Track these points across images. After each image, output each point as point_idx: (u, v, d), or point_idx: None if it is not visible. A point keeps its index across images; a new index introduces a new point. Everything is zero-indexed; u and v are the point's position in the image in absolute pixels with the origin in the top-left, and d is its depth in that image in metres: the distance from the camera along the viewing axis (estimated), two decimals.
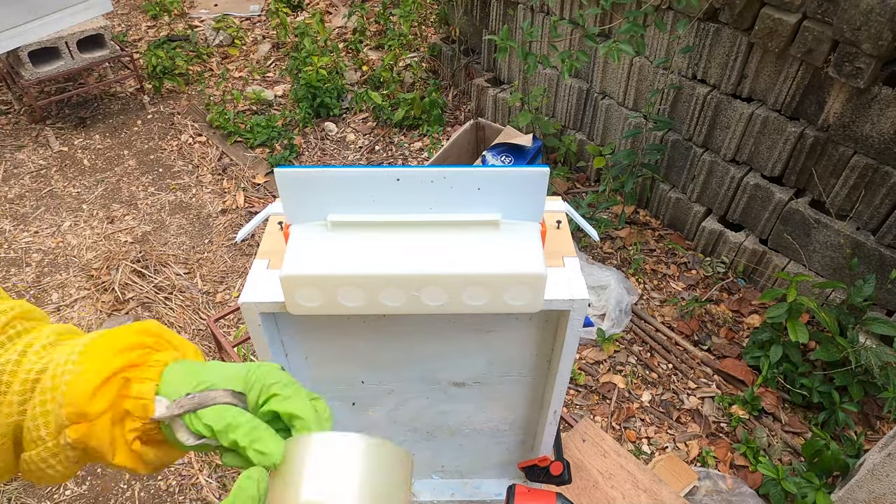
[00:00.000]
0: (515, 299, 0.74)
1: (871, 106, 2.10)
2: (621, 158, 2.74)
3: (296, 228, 0.77)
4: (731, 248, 2.71)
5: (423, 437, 1.11)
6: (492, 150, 2.92)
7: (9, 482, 2.16)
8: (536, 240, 0.76)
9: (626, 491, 1.26)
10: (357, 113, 3.88)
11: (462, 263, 0.73)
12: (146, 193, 3.38)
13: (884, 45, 1.94)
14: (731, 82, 2.45)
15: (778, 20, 2.17)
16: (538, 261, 0.73)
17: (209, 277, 2.92)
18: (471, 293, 0.74)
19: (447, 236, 0.76)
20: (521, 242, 0.75)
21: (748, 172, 2.57)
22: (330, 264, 0.73)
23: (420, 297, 0.74)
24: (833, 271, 2.43)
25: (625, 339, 2.56)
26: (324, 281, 0.72)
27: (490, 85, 3.56)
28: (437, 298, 0.74)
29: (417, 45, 4.17)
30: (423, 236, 0.76)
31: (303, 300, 0.74)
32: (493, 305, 0.75)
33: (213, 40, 4.49)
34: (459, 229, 0.77)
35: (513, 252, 0.74)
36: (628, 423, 2.30)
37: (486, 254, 0.74)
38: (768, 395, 2.31)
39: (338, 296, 0.73)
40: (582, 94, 3.07)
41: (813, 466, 2.03)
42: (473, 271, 0.72)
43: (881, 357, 2.09)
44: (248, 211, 3.27)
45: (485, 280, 0.73)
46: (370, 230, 0.77)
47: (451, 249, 0.74)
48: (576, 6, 2.83)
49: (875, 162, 2.17)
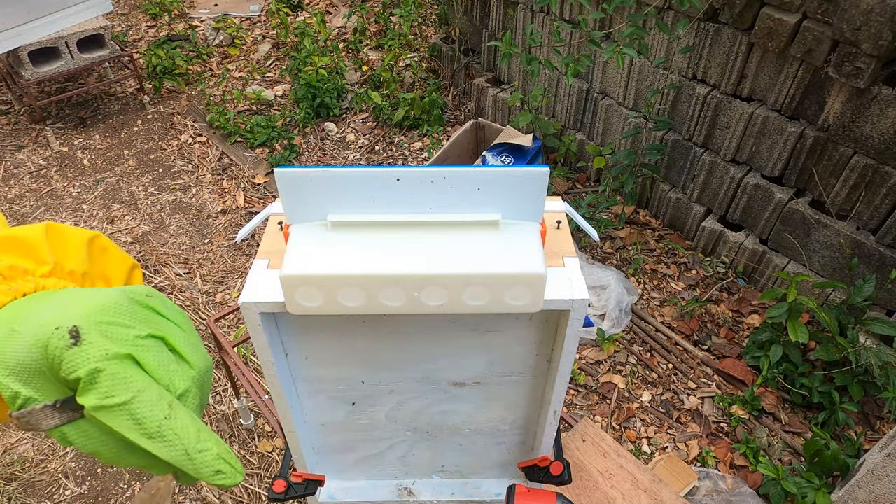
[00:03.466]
0: (516, 299, 0.74)
1: (871, 106, 2.10)
2: (621, 158, 2.74)
3: (296, 228, 0.77)
4: (731, 248, 2.71)
5: (423, 437, 1.11)
6: (492, 150, 2.92)
7: (9, 482, 2.16)
8: (536, 240, 0.76)
9: (626, 491, 1.26)
10: (357, 113, 3.88)
11: (462, 263, 0.73)
12: (146, 193, 3.38)
13: (884, 45, 1.94)
14: (731, 82, 2.45)
15: (778, 20, 2.17)
16: (538, 261, 0.73)
17: (209, 277, 2.92)
18: (471, 293, 0.74)
19: (447, 236, 0.76)
20: (521, 242, 0.76)
21: (748, 172, 2.57)
22: (330, 264, 0.73)
23: (420, 297, 0.74)
24: (833, 271, 2.43)
25: (625, 339, 2.56)
26: (324, 281, 0.72)
27: (490, 85, 3.56)
28: (437, 298, 0.75)
29: (417, 45, 4.17)
30: (423, 236, 0.76)
31: (303, 300, 0.74)
32: (494, 305, 0.75)
33: (213, 40, 4.49)
34: (459, 229, 0.77)
35: (513, 252, 0.74)
36: (628, 423, 2.30)
37: (486, 254, 0.74)
38: (768, 395, 2.31)
39: (338, 296, 0.74)
40: (582, 94, 3.07)
41: (813, 466, 2.03)
42: (474, 271, 0.72)
43: (881, 357, 2.09)
44: (248, 211, 3.27)
45: (485, 280, 0.73)
46: (370, 230, 0.77)
47: (451, 249, 0.75)
48: (576, 7, 2.83)
49: (875, 162, 2.17)
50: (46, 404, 0.42)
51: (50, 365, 0.42)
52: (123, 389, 0.41)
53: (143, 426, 0.41)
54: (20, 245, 0.49)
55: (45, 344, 0.41)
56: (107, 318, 0.42)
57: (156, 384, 0.42)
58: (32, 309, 0.44)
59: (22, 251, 0.49)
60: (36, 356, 0.42)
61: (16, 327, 0.43)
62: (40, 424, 0.43)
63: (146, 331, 0.44)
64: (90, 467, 2.22)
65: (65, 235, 0.52)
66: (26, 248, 0.49)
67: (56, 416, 0.43)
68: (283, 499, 1.03)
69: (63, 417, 0.43)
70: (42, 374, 0.42)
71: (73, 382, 0.42)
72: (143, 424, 0.41)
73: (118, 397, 0.40)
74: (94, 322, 0.42)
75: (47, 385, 0.43)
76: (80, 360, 0.40)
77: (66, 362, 0.40)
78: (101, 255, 0.55)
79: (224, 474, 0.44)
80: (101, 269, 0.54)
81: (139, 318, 0.44)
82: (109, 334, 0.42)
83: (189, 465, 0.42)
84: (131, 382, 0.41)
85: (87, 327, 0.41)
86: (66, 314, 0.42)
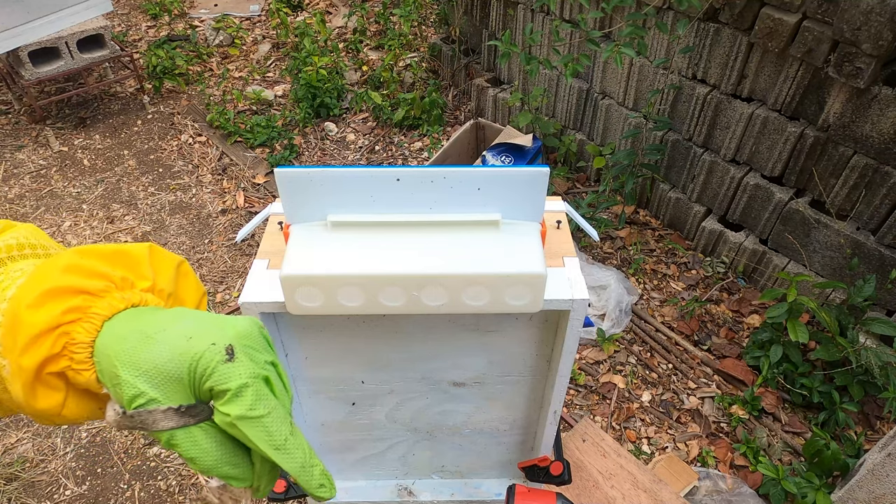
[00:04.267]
0: (516, 299, 0.74)
1: (871, 106, 2.10)
2: (621, 158, 2.74)
3: (296, 228, 0.77)
4: (731, 248, 2.71)
5: (423, 437, 1.11)
6: (492, 150, 2.92)
7: (9, 482, 2.16)
8: (537, 240, 0.76)
9: (625, 491, 1.26)
10: (357, 113, 3.88)
11: (462, 263, 0.73)
12: (146, 193, 3.39)
13: (884, 45, 1.94)
14: (731, 82, 2.45)
15: (778, 20, 2.17)
16: (538, 261, 0.73)
17: (209, 277, 2.92)
18: (471, 293, 0.74)
19: (448, 236, 0.76)
20: (521, 242, 0.75)
21: (748, 172, 2.57)
22: (330, 264, 0.73)
23: (420, 297, 0.74)
24: (833, 271, 2.43)
25: (625, 339, 2.56)
26: (324, 281, 0.72)
27: (490, 85, 3.56)
28: (437, 298, 0.75)
29: (417, 45, 4.17)
30: (424, 236, 0.76)
31: (303, 300, 0.74)
32: (494, 305, 0.75)
33: (213, 40, 4.49)
34: (460, 229, 0.77)
35: (513, 252, 0.74)
36: (628, 423, 2.30)
37: (486, 254, 0.74)
38: (768, 395, 2.31)
39: (338, 296, 0.74)
40: (582, 94, 3.07)
41: (813, 466, 2.03)
42: (474, 271, 0.72)
43: (881, 357, 2.09)
44: (248, 211, 3.27)
45: (485, 280, 0.73)
46: (370, 230, 0.77)
47: (451, 249, 0.74)
48: (576, 6, 2.83)
49: (875, 162, 2.17)
50: (171, 407, 0.47)
51: (193, 373, 0.47)
52: (263, 405, 0.47)
53: (273, 439, 0.47)
54: (129, 260, 0.54)
55: (198, 356, 0.47)
56: (249, 343, 0.49)
57: (280, 405, 0.49)
58: (162, 321, 0.50)
59: (129, 265, 0.55)
60: (179, 364, 0.47)
61: (151, 334, 0.48)
62: (155, 425, 0.47)
63: (271, 358, 0.50)
64: (90, 467, 2.22)
65: (160, 256, 0.58)
66: (133, 263, 0.55)
67: (174, 420, 0.47)
68: (283, 499, 1.03)
69: (180, 422, 0.48)
70: (178, 381, 0.47)
71: (208, 393, 0.48)
72: (273, 437, 0.47)
73: (258, 411, 0.47)
74: (242, 345, 0.48)
75: (177, 391, 0.48)
76: (232, 374, 0.47)
77: (218, 374, 0.47)
78: (183, 278, 0.60)
79: (325, 488, 0.51)
80: (181, 292, 0.60)
81: (265, 347, 0.51)
82: (252, 357, 0.48)
83: (303, 476, 0.49)
84: (268, 400, 0.48)
85: (238, 348, 0.48)
86: (221, 334, 0.48)
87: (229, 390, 0.46)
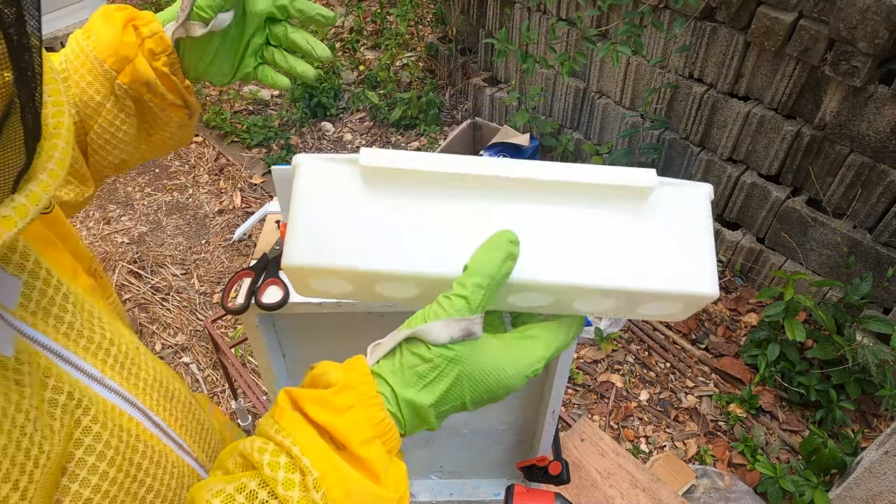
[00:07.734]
0: (654, 310, 0.55)
1: (868, 104, 2.10)
2: (618, 157, 2.74)
3: (305, 165, 0.57)
4: (728, 247, 2.71)
5: (421, 437, 1.11)
6: (489, 149, 2.92)
7: None
8: (707, 229, 0.52)
9: (624, 490, 1.26)
10: (354, 113, 3.87)
11: (599, 270, 0.50)
12: (142, 194, 3.38)
13: (880, 43, 1.94)
14: (727, 81, 2.45)
15: (774, 19, 2.17)
16: (711, 273, 0.50)
17: (206, 278, 2.92)
18: (592, 302, 0.53)
19: (556, 210, 0.53)
20: (683, 233, 0.52)
21: (745, 171, 2.57)
22: (366, 254, 0.52)
23: (507, 297, 0.57)
24: (830, 269, 2.44)
25: (623, 338, 2.56)
26: (356, 277, 0.54)
27: (487, 84, 3.56)
28: (534, 300, 0.55)
29: (414, 44, 4.16)
30: (511, 207, 0.52)
31: (321, 287, 0.58)
32: (617, 311, 0.57)
33: None
34: (577, 198, 0.53)
35: (673, 249, 0.51)
36: (626, 422, 2.31)
37: (630, 250, 0.52)
38: (766, 394, 2.32)
39: (375, 287, 0.56)
40: (579, 93, 3.07)
41: (810, 464, 2.03)
42: (622, 286, 0.50)
43: (878, 355, 2.09)
44: (244, 211, 3.27)
45: (631, 296, 0.51)
46: (425, 188, 0.52)
47: (568, 234, 0.51)
48: (572, 5, 2.83)
49: (871, 160, 2.18)
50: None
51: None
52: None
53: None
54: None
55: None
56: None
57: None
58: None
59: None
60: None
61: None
62: (472, 331, 0.50)
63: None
64: None
65: None
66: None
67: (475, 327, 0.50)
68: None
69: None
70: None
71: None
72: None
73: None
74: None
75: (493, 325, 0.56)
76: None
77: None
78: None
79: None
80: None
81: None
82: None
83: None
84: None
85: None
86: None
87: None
